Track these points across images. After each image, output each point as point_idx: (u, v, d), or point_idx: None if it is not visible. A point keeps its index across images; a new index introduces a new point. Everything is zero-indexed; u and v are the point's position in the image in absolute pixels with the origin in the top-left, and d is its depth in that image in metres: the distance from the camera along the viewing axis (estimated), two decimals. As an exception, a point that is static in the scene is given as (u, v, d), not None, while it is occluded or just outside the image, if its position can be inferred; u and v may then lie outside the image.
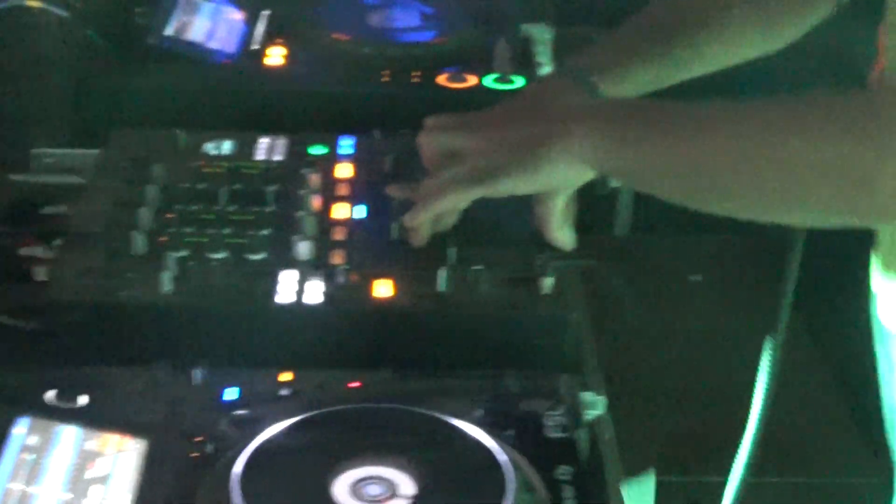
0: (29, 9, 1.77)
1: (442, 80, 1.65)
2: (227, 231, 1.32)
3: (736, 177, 1.15)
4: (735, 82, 1.42)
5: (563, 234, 1.32)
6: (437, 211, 1.27)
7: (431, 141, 1.33)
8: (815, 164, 1.07)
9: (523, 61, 1.80)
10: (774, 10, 1.43)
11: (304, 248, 1.30)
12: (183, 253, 1.28)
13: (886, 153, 1.02)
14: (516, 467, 1.04)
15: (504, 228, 1.35)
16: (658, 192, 1.22)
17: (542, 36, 1.91)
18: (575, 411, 1.13)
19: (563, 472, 1.04)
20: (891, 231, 1.37)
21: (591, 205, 1.38)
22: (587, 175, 1.26)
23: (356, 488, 1.01)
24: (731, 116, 1.15)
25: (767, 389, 1.48)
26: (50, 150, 1.57)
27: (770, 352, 1.45)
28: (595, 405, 1.20)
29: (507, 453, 1.05)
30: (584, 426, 1.13)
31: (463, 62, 1.70)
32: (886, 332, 1.44)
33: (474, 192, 1.25)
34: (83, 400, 1.11)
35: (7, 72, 1.76)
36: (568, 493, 1.02)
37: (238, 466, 1.01)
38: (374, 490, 1.01)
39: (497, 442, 1.06)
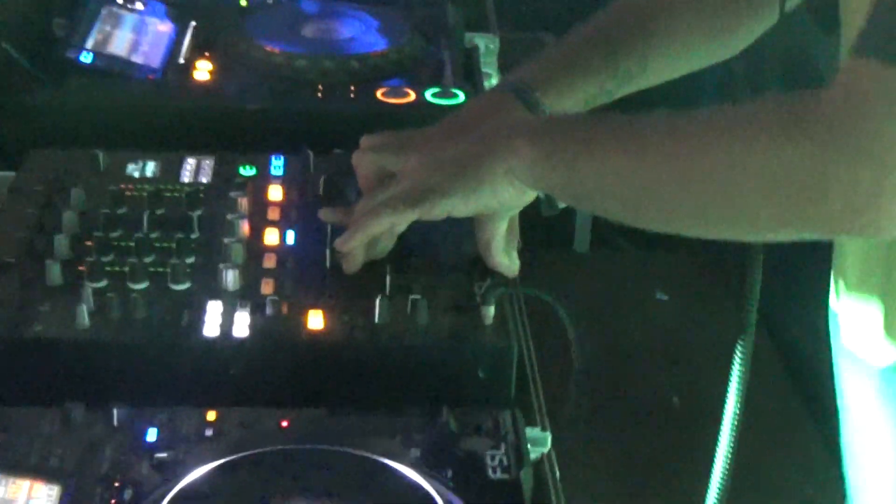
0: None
1: (381, 94, 1.62)
2: (149, 259, 1.29)
3: (677, 191, 1.14)
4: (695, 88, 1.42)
5: (506, 260, 1.30)
6: (369, 235, 1.25)
7: (366, 161, 1.32)
8: (760, 172, 1.05)
9: (468, 73, 1.79)
10: (719, 19, 1.42)
11: (231, 278, 1.26)
12: (102, 283, 1.25)
13: (836, 157, 1.00)
14: (455, 513, 1.02)
15: (444, 254, 1.33)
16: (600, 211, 1.22)
17: (488, 45, 1.90)
18: (519, 450, 1.11)
19: (503, 517, 1.03)
20: (851, 250, 1.36)
21: (549, 221, 1.35)
22: (528, 195, 1.24)
23: (285, 537, 0.99)
24: (670, 127, 1.14)
25: (735, 412, 1.47)
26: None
27: (739, 372, 1.44)
28: (540, 442, 1.19)
29: (445, 496, 1.03)
30: (529, 465, 1.11)
31: (404, 75, 1.68)
32: (845, 351, 1.44)
33: (409, 214, 1.24)
34: (-6, 441, 1.08)
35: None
36: (507, 538, 1.01)
37: (157, 516, 0.99)
38: (303, 537, 0.99)
39: (434, 484, 1.04)
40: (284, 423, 1.12)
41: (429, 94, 1.62)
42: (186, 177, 1.46)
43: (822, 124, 1.00)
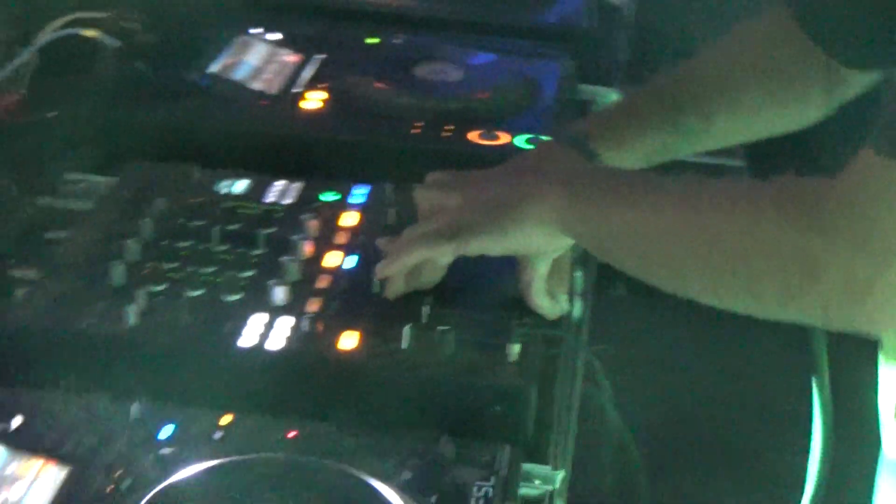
0: (84, 38, 1.82)
1: (473, 136, 1.63)
2: (208, 270, 1.33)
3: (687, 255, 1.14)
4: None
5: (545, 302, 1.30)
6: (405, 264, 1.27)
7: (425, 195, 1.34)
8: (763, 249, 1.06)
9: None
10: (791, 88, 1.39)
11: (279, 294, 1.29)
12: (159, 287, 1.29)
13: (835, 247, 1.00)
14: (423, 535, 1.02)
15: (489, 292, 1.33)
16: (616, 263, 1.21)
17: (605, 98, 1.89)
18: (507, 484, 1.10)
19: (477, 546, 1.03)
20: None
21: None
22: (561, 241, 1.25)
23: (256, 542, 1.01)
24: (690, 194, 1.15)
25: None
26: (80, 176, 1.61)
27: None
28: (549, 479, 1.18)
29: (417, 521, 1.04)
30: (516, 501, 1.11)
31: (504, 120, 1.69)
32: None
33: (443, 248, 1.25)
34: (17, 422, 1.12)
35: (55, 98, 1.81)
36: (476, 570, 1.01)
37: (138, 507, 1.02)
38: (272, 545, 1.01)
39: (411, 506, 1.05)
40: (291, 434, 1.14)
41: (520, 140, 1.61)
42: (270, 197, 1.50)
43: (827, 214, 1.01)
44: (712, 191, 1.13)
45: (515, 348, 1.23)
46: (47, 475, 1.07)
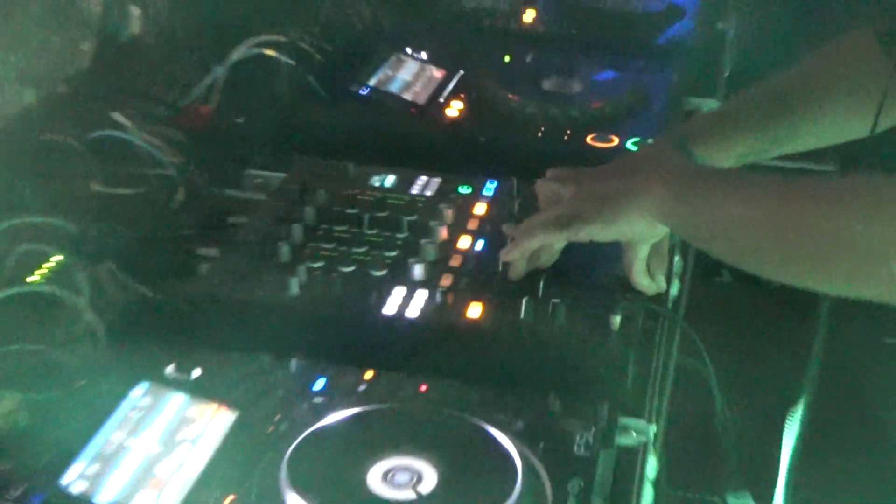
0: (266, 57, 1.85)
1: (589, 139, 1.62)
2: (360, 250, 1.35)
3: (770, 242, 1.13)
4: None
5: (645, 281, 1.29)
6: (526, 249, 1.27)
7: (545, 187, 1.34)
8: (838, 237, 1.04)
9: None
10: (870, 103, 1.35)
11: (418, 270, 1.30)
12: (318, 264, 1.31)
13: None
14: (529, 473, 1.02)
15: (597, 272, 1.32)
16: (708, 249, 1.19)
17: (707, 108, 1.86)
18: (606, 434, 1.10)
19: (574, 485, 1.02)
20: None
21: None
22: (660, 229, 1.24)
23: (388, 475, 1.02)
24: (779, 190, 1.13)
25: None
26: (258, 172, 1.63)
27: None
28: (643, 431, 1.17)
29: (526, 460, 1.03)
30: (612, 447, 1.10)
31: (618, 125, 1.68)
32: None
33: (558, 235, 1.25)
34: (196, 373, 1.15)
35: (241, 107, 1.84)
36: (572, 503, 1.00)
37: (292, 448, 1.04)
38: (401, 477, 1.01)
39: (522, 450, 1.05)
40: (423, 388, 1.15)
41: (629, 143, 1.60)
42: (415, 190, 1.51)
43: (892, 206, 1.00)
44: (796, 186, 1.12)
45: (617, 320, 1.22)
46: (220, 417, 1.09)
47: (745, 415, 2.20)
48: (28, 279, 1.40)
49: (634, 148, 1.59)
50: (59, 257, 1.41)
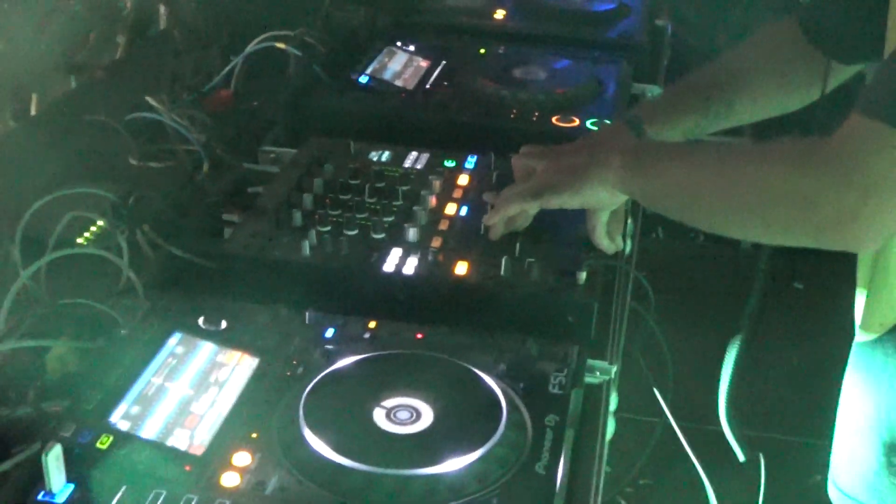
0: (277, 49, 1.79)
1: (555, 120, 1.57)
2: (362, 216, 1.29)
3: (717, 199, 1.09)
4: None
5: (605, 241, 1.25)
6: (505, 214, 1.23)
7: (519, 162, 1.29)
8: (774, 189, 1.02)
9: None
10: (796, 77, 1.32)
11: (412, 233, 1.25)
12: (326, 228, 1.26)
13: (830, 183, 0.96)
14: (513, 410, 0.98)
15: (564, 234, 1.28)
16: (663, 210, 1.16)
17: (651, 93, 1.82)
18: (576, 374, 1.05)
19: (551, 419, 0.98)
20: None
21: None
22: (619, 197, 1.19)
23: (391, 413, 0.97)
24: (718, 154, 1.10)
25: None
26: (272, 148, 1.58)
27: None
28: (605, 371, 1.13)
29: (509, 398, 0.99)
30: (581, 387, 1.06)
31: (578, 108, 1.62)
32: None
33: (532, 203, 1.21)
34: (223, 325, 1.10)
35: (256, 92, 1.78)
36: (548, 436, 0.96)
37: (307, 389, 0.99)
38: (402, 414, 0.97)
39: (505, 389, 1.01)
40: (419, 335, 1.10)
41: (588, 123, 1.55)
42: (408, 163, 1.45)
43: (824, 159, 0.97)
44: (734, 152, 1.10)
45: (583, 275, 1.18)
46: (244, 363, 1.05)
47: (692, 347, 2.18)
48: (77, 241, 1.35)
49: (593, 127, 1.54)
50: (102, 223, 1.36)
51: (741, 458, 1.62)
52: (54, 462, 0.85)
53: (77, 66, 2.33)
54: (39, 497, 0.86)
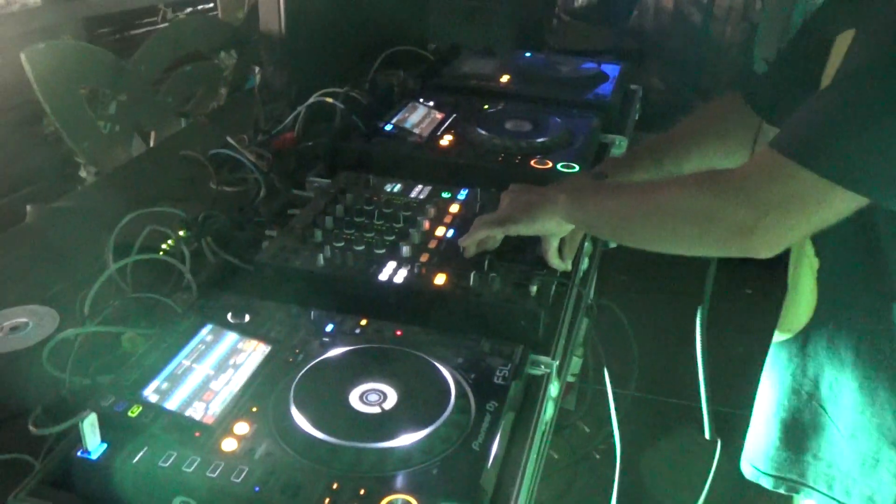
0: (328, 103, 1.75)
1: (532, 163, 1.50)
2: (369, 235, 1.24)
3: (636, 220, 1.04)
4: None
5: (555, 261, 1.18)
6: (475, 238, 1.17)
7: (504, 197, 1.22)
8: (687, 209, 0.97)
9: (597, 157, 1.65)
10: (734, 142, 1.24)
11: (406, 250, 1.20)
12: (339, 244, 1.21)
13: (731, 203, 0.91)
14: (460, 396, 0.92)
15: (526, 255, 1.21)
16: (599, 235, 1.11)
17: (619, 143, 1.74)
18: (518, 368, 0.99)
19: (490, 405, 0.92)
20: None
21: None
22: (566, 227, 1.12)
23: (363, 395, 0.92)
24: (640, 186, 1.07)
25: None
26: (316, 179, 1.53)
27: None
28: (546, 365, 1.06)
29: (459, 387, 0.94)
30: (522, 378, 0.99)
31: (554, 153, 1.55)
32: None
33: (497, 229, 1.15)
34: (247, 318, 1.05)
35: (311, 135, 1.74)
36: (487, 419, 0.90)
37: (300, 374, 0.94)
38: (372, 397, 0.91)
39: (458, 379, 0.95)
40: (398, 333, 1.05)
41: (559, 165, 1.48)
42: (413, 194, 1.39)
43: (728, 181, 0.93)
44: (658, 184, 1.05)
45: (534, 288, 1.11)
46: (259, 350, 1.01)
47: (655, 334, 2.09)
48: (163, 246, 1.32)
49: (563, 169, 1.46)
50: (177, 233, 1.33)
51: (707, 434, 1.51)
52: (89, 427, 0.82)
53: (186, 112, 2.33)
54: (79, 454, 0.83)
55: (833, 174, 0.87)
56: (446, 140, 1.60)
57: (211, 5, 3.54)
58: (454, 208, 1.35)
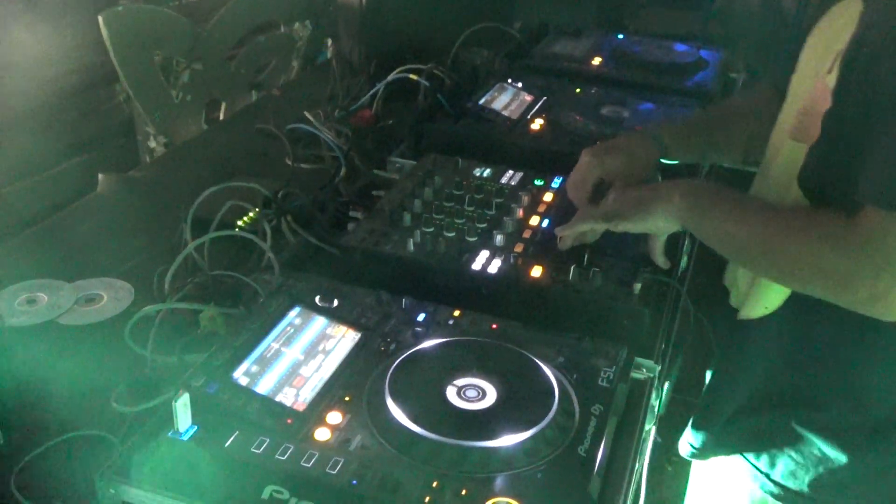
0: (411, 80, 1.75)
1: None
2: (460, 221, 1.23)
3: (758, 258, 1.02)
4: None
5: (661, 259, 1.16)
6: (576, 230, 1.15)
7: (592, 167, 1.20)
8: (810, 265, 0.95)
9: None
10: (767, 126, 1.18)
11: (499, 239, 1.19)
12: (430, 229, 1.21)
13: (864, 270, 0.90)
14: (564, 397, 0.91)
15: (628, 250, 1.19)
16: (712, 246, 1.05)
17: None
18: (624, 371, 0.98)
19: (596, 409, 0.90)
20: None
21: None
22: (676, 225, 1.09)
23: (461, 390, 0.91)
24: (763, 214, 1.01)
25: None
26: (398, 160, 1.53)
27: None
28: (650, 369, 1.04)
29: (563, 387, 0.92)
30: (627, 382, 0.98)
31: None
32: None
33: (603, 225, 1.13)
34: (336, 303, 1.06)
35: (392, 113, 1.74)
36: (592, 423, 0.88)
37: (395, 364, 0.94)
38: (471, 392, 0.91)
39: (560, 379, 0.94)
40: (494, 326, 1.04)
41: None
42: (504, 180, 1.39)
43: (858, 246, 0.90)
44: (777, 216, 0.99)
45: (638, 286, 1.10)
46: (349, 336, 1.01)
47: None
48: (238, 223, 1.34)
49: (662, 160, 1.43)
50: (254, 211, 1.34)
51: None
52: (182, 407, 0.83)
53: (258, 84, 2.35)
54: (170, 434, 0.84)
55: None
56: (537, 124, 1.59)
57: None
58: (548, 197, 1.33)
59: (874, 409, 1.05)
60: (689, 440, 1.25)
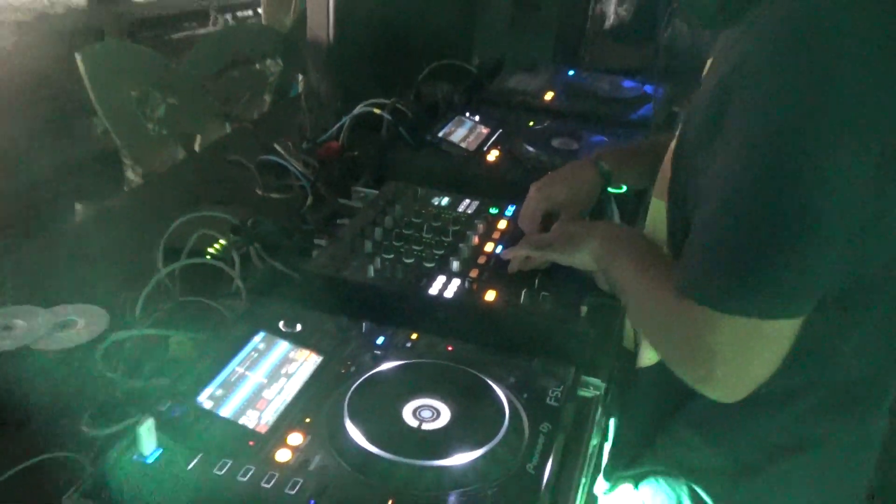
0: (374, 114, 1.74)
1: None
2: (418, 248, 1.23)
3: (631, 310, 1.00)
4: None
5: (606, 286, 1.15)
6: (516, 254, 1.14)
7: (538, 200, 1.22)
8: (659, 337, 0.94)
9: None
10: None
11: (455, 264, 1.18)
12: (389, 256, 1.20)
13: (682, 355, 0.87)
14: (514, 416, 0.90)
15: (575, 274, 1.18)
16: (613, 288, 1.04)
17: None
18: (571, 391, 0.97)
19: (545, 427, 0.90)
20: None
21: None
22: (594, 266, 1.08)
23: (416, 411, 0.90)
24: (650, 272, 0.95)
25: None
26: (362, 189, 1.53)
27: None
28: (597, 387, 1.04)
29: (513, 407, 0.92)
30: (574, 400, 0.97)
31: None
32: None
33: (536, 253, 1.12)
34: (299, 327, 1.04)
35: (357, 145, 1.74)
36: (541, 441, 0.88)
37: (353, 386, 0.93)
38: (426, 413, 0.90)
39: (511, 399, 0.93)
40: (449, 348, 1.03)
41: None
42: (461, 208, 1.38)
43: (679, 333, 0.86)
44: (657, 279, 0.93)
45: (585, 309, 1.09)
46: (310, 360, 0.99)
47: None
48: (209, 250, 1.32)
49: (610, 190, 1.44)
50: (223, 241, 1.32)
51: None
52: (146, 432, 0.81)
53: (232, 116, 2.34)
54: (133, 458, 0.82)
55: (758, 311, 0.77)
56: (493, 155, 1.59)
57: (250, 13, 3.56)
58: (502, 224, 1.33)
59: (739, 451, 0.98)
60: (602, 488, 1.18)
